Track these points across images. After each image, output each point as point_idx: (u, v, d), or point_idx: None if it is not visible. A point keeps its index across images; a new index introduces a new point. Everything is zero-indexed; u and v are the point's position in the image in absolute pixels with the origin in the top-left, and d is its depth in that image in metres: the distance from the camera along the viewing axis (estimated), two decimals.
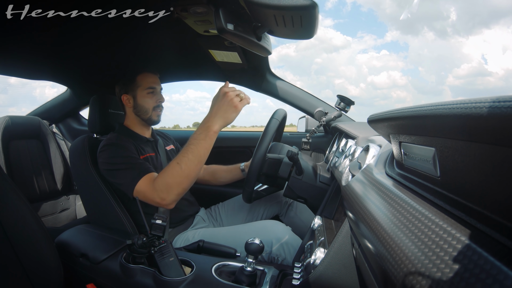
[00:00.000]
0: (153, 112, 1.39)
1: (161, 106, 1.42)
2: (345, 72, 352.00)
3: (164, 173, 1.12)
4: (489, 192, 0.27)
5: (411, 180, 0.46)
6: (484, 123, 0.24)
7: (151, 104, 1.38)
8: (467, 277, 0.23)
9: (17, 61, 1.41)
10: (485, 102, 0.24)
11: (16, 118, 1.95)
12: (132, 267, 0.95)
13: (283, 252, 1.17)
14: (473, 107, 0.25)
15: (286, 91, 1.83)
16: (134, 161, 1.22)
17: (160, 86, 1.43)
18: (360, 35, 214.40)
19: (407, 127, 0.43)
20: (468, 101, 0.26)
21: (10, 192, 0.90)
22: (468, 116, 0.26)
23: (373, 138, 0.86)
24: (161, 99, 1.40)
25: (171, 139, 1.67)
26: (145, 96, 1.37)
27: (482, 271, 0.23)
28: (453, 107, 0.28)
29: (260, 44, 0.97)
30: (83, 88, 1.98)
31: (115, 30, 1.14)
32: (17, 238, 0.87)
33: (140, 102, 1.38)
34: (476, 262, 0.24)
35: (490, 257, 0.23)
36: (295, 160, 1.21)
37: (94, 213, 1.34)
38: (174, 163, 1.10)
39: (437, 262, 0.28)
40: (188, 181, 1.11)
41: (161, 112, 1.43)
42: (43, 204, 1.95)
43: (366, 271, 0.54)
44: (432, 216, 0.33)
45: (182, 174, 1.09)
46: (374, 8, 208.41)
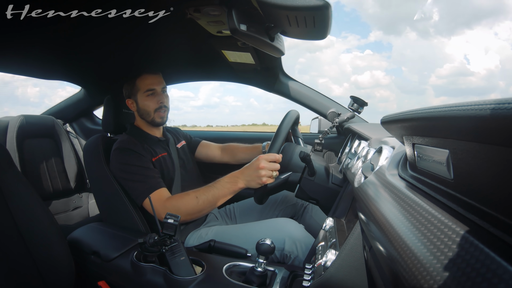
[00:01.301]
0: (155, 114, 1.39)
1: (164, 107, 1.41)
2: (329, 72, 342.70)
3: (180, 199, 1.18)
4: (504, 195, 0.27)
5: (424, 183, 0.45)
6: (499, 124, 0.23)
7: (152, 107, 1.38)
8: (479, 282, 0.23)
9: (32, 61, 1.44)
10: (499, 103, 0.23)
11: (31, 117, 2.00)
12: (143, 266, 0.96)
13: (295, 249, 1.16)
14: (488, 109, 0.24)
15: (299, 92, 1.82)
16: (147, 172, 1.25)
17: (163, 85, 1.42)
18: (344, 35, 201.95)
19: (421, 128, 0.42)
20: (483, 102, 0.25)
21: (23, 190, 0.93)
22: (482, 117, 0.25)
23: (386, 139, 0.85)
24: (162, 99, 1.39)
25: (181, 134, 1.68)
26: (145, 99, 1.38)
27: (495, 276, 0.22)
28: (468, 109, 0.28)
29: (273, 44, 0.97)
30: (96, 88, 2.02)
31: (129, 31, 1.16)
32: (30, 235, 0.89)
33: (141, 105, 1.39)
34: (489, 267, 0.23)
35: (503, 262, 0.23)
36: (307, 161, 1.20)
37: (106, 211, 1.36)
38: (193, 196, 1.17)
39: (449, 266, 0.27)
40: (197, 215, 1.20)
41: (165, 113, 1.42)
42: (56, 202, 2.00)
43: (377, 274, 0.54)
44: (445, 219, 0.33)
45: (196, 208, 1.17)
46: (357, 8, 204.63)
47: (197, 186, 1.50)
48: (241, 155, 1.67)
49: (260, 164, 1.12)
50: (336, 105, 1.78)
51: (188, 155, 1.59)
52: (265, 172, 1.12)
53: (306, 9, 0.73)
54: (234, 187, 1.16)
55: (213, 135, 2.19)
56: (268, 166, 1.12)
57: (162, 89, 1.41)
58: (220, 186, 1.17)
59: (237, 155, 1.68)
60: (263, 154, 1.15)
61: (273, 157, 1.14)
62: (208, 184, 1.20)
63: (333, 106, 1.75)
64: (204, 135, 1.91)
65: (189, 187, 1.43)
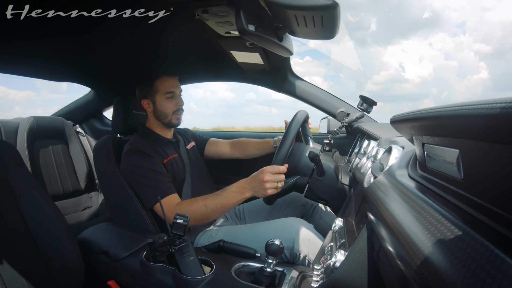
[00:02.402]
0: (173, 115, 1.41)
1: (181, 109, 1.43)
2: None
3: (189, 206, 1.20)
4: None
5: (434, 183, 0.45)
6: (509, 123, 0.23)
7: (171, 109, 1.40)
8: (489, 283, 0.23)
9: (42, 64, 1.47)
10: (510, 102, 0.23)
11: (41, 119, 2.03)
12: (152, 266, 0.96)
13: (305, 248, 1.16)
14: (498, 107, 0.24)
15: (308, 92, 1.81)
16: (158, 176, 1.27)
17: (180, 89, 1.45)
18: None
19: (431, 128, 0.42)
20: (493, 101, 0.25)
21: (34, 190, 0.94)
22: (492, 116, 0.25)
23: (395, 139, 0.84)
24: (180, 102, 1.42)
25: (190, 135, 1.69)
26: (164, 101, 1.40)
27: (505, 277, 0.22)
28: (478, 107, 0.27)
29: (281, 44, 0.97)
30: (106, 90, 2.04)
31: (137, 33, 1.17)
32: (40, 234, 0.91)
33: (159, 107, 1.40)
34: (500, 268, 0.23)
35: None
36: (316, 161, 1.20)
37: (116, 211, 1.37)
38: (202, 204, 1.19)
39: (459, 267, 0.27)
40: (205, 221, 1.22)
41: (181, 115, 1.44)
42: (66, 202, 2.03)
43: (386, 275, 0.53)
44: (455, 219, 0.32)
45: (204, 215, 1.18)
46: None
47: (207, 186, 1.52)
48: (251, 150, 1.67)
49: (265, 178, 1.12)
50: (345, 104, 1.77)
51: (198, 155, 1.60)
52: (270, 184, 1.12)
53: (314, 8, 0.73)
54: (241, 196, 1.17)
55: (221, 135, 2.21)
56: (273, 179, 1.13)
57: (180, 92, 1.44)
58: (228, 195, 1.18)
59: (247, 150, 1.68)
60: (267, 167, 1.15)
61: (277, 170, 1.14)
62: (216, 192, 1.21)
63: (342, 106, 1.74)
64: (213, 135, 1.92)
65: (199, 188, 1.44)
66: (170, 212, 1.17)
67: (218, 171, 2.19)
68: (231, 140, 1.74)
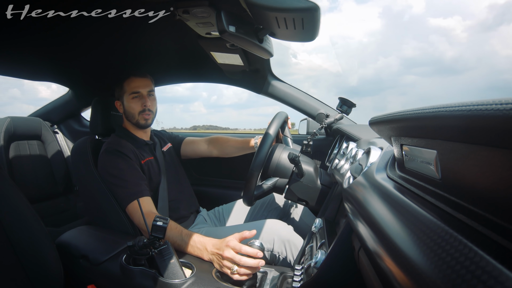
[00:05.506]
0: (139, 116, 1.39)
1: (148, 110, 1.40)
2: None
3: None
4: (490, 194, 0.27)
5: (412, 183, 0.46)
6: (486, 125, 0.24)
7: (136, 110, 1.38)
8: (468, 279, 0.23)
9: (19, 63, 1.42)
10: (487, 104, 0.24)
11: (18, 119, 1.96)
12: (132, 269, 0.95)
13: (284, 250, 1.17)
14: (475, 109, 0.25)
15: (288, 94, 1.82)
16: (133, 177, 1.25)
17: (149, 89, 1.41)
18: None
19: (409, 129, 0.43)
20: (470, 104, 0.26)
21: (10, 192, 0.90)
22: (469, 118, 0.26)
23: (374, 140, 0.86)
24: (146, 103, 1.39)
25: (166, 136, 1.67)
26: (130, 102, 1.38)
27: (484, 273, 0.23)
28: (455, 109, 0.28)
29: (261, 46, 0.97)
30: (84, 90, 1.99)
31: (116, 32, 1.15)
32: (18, 238, 0.87)
33: (126, 107, 1.40)
34: (478, 264, 0.24)
35: (492, 260, 0.23)
36: (296, 162, 1.21)
37: (95, 214, 1.34)
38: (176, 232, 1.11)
39: (439, 264, 0.27)
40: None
41: (150, 116, 1.41)
42: (43, 204, 1.95)
43: (367, 274, 0.54)
44: (433, 218, 0.33)
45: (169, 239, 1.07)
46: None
47: (184, 188, 1.50)
48: (230, 149, 1.64)
49: (224, 253, 0.96)
50: (324, 106, 1.79)
51: (174, 157, 1.58)
52: (226, 263, 0.96)
53: (295, 10, 0.74)
54: (199, 254, 1.06)
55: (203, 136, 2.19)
56: (231, 258, 0.94)
57: (148, 92, 1.40)
58: (189, 243, 1.09)
59: (226, 148, 1.65)
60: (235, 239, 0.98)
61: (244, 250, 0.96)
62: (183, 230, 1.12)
63: (322, 108, 1.76)
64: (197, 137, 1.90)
65: (175, 190, 1.42)
66: (141, 218, 1.14)
67: (197, 172, 2.17)
68: (209, 137, 1.71)
